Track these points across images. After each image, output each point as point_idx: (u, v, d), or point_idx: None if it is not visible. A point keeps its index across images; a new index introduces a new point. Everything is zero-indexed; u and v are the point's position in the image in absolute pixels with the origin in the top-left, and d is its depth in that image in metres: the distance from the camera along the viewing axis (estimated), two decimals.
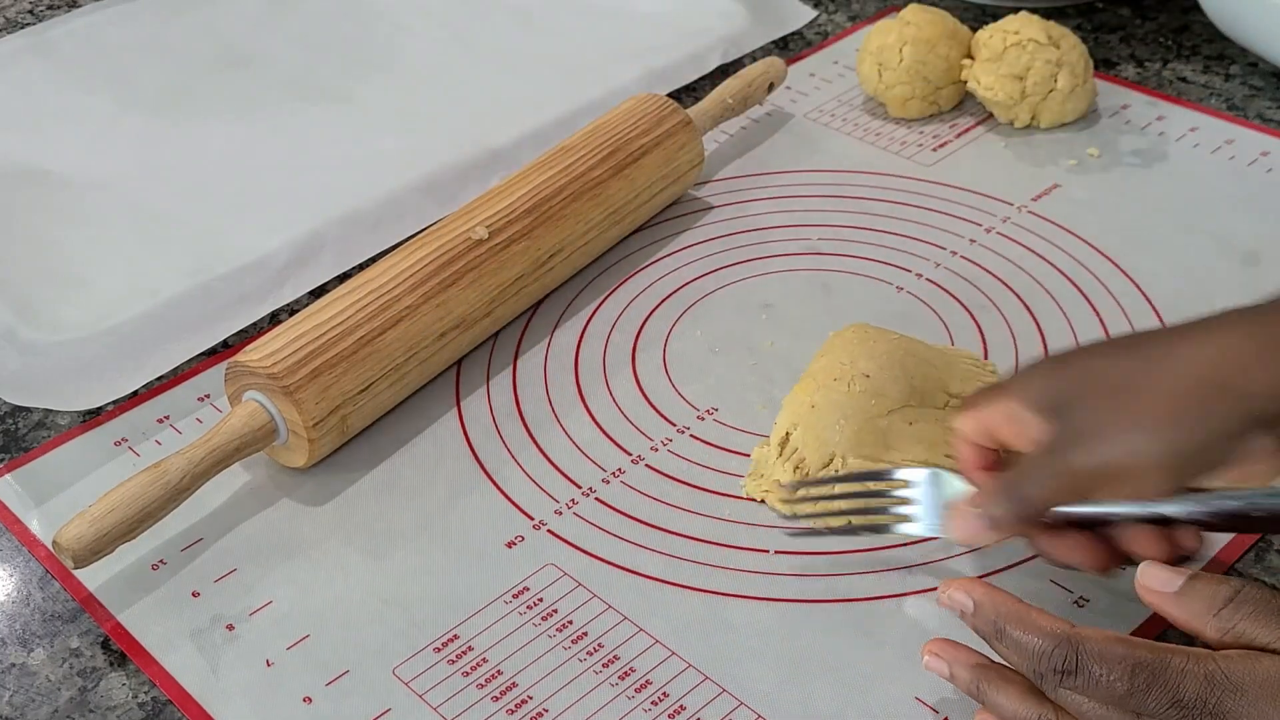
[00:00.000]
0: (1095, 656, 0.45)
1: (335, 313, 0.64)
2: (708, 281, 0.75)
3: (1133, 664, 0.44)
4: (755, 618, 0.56)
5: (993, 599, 0.48)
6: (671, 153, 0.77)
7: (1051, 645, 0.46)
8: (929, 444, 0.61)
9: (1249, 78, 0.89)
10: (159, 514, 0.59)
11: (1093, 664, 0.45)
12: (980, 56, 0.85)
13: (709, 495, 0.62)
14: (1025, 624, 0.47)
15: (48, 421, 0.68)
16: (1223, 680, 0.44)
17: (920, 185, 0.81)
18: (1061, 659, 0.45)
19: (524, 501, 0.62)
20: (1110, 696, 0.45)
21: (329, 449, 0.64)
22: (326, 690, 0.55)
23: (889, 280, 0.74)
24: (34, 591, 0.60)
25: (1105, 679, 0.44)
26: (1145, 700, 0.44)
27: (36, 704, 0.55)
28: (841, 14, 0.99)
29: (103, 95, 0.92)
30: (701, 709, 0.53)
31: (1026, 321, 0.71)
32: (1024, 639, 0.46)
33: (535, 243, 0.70)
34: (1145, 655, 0.45)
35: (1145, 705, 0.44)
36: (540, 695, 0.54)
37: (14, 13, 1.04)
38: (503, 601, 0.58)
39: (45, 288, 0.76)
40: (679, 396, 0.68)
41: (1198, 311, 0.70)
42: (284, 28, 0.99)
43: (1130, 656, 0.44)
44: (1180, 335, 0.52)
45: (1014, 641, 0.47)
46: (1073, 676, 0.45)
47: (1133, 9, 0.97)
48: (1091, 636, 0.45)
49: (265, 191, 0.83)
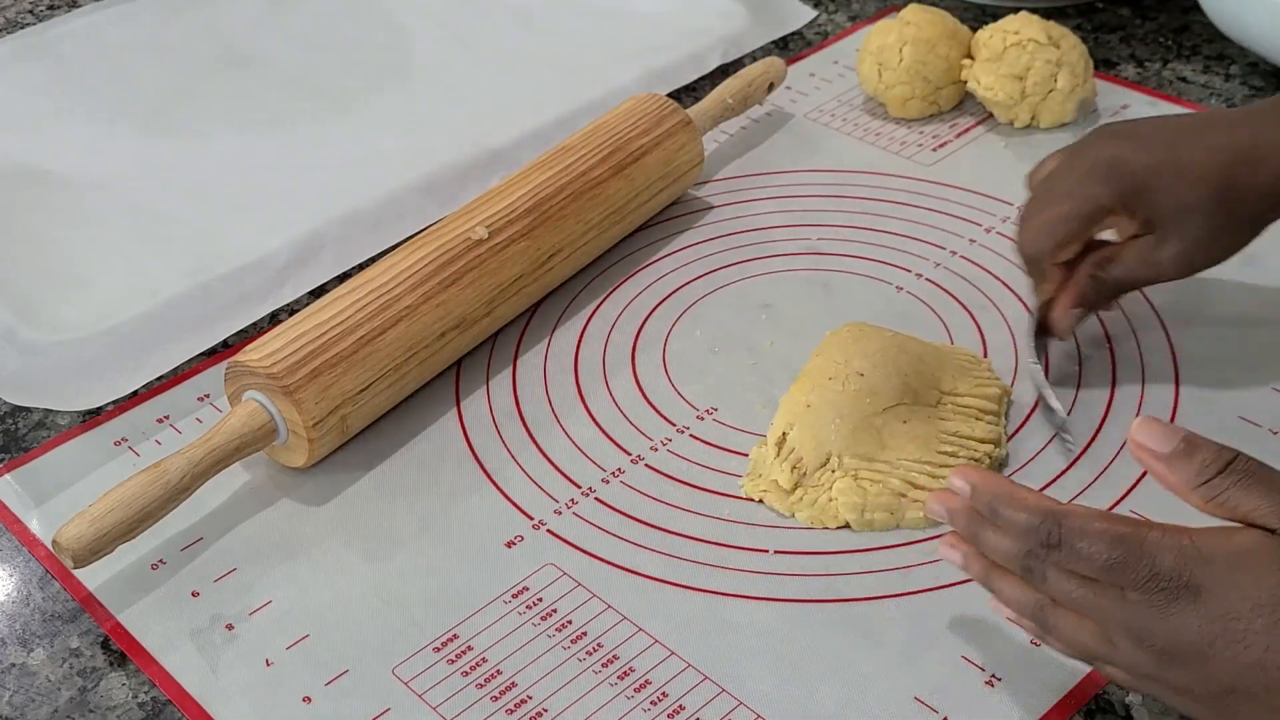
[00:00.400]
0: (1077, 531, 0.46)
1: (335, 313, 0.64)
2: (708, 281, 0.75)
3: (1111, 536, 0.45)
4: (755, 617, 0.56)
5: (986, 481, 0.49)
6: (671, 153, 0.77)
7: (1037, 520, 0.47)
8: (923, 442, 0.61)
9: (1249, 78, 0.89)
10: (159, 514, 0.59)
11: (1074, 537, 0.46)
12: (980, 56, 0.85)
13: (708, 495, 0.62)
14: (1014, 501, 0.48)
15: (48, 421, 0.68)
16: (1194, 553, 0.44)
17: (920, 185, 0.81)
18: (1046, 533, 0.46)
19: (523, 501, 0.62)
20: (1091, 569, 0.46)
21: (329, 449, 0.64)
22: (326, 690, 0.55)
23: (889, 280, 0.74)
24: (34, 591, 0.60)
25: (1086, 550, 0.45)
26: (1124, 573, 0.45)
27: (36, 704, 0.55)
28: (841, 14, 0.99)
29: (103, 95, 0.92)
30: (701, 709, 0.53)
31: (1026, 321, 0.71)
32: (1013, 516, 0.47)
33: (535, 243, 0.70)
34: (1124, 529, 0.45)
35: (1125, 578, 0.45)
36: (540, 695, 0.54)
37: (14, 13, 1.04)
38: (502, 601, 0.58)
39: (45, 287, 0.76)
40: (679, 396, 0.68)
41: (1197, 311, 0.70)
42: (284, 28, 0.99)
43: (1110, 530, 0.45)
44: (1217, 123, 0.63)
45: (1005, 520, 0.48)
46: (1056, 550, 0.46)
47: (1133, 9, 0.97)
48: (1074, 512, 0.47)
49: (265, 191, 0.83)
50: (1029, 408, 0.65)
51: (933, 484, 0.59)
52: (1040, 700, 0.53)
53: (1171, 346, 0.68)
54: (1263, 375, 0.67)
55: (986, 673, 0.54)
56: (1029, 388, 0.66)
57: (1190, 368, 0.67)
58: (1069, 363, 0.68)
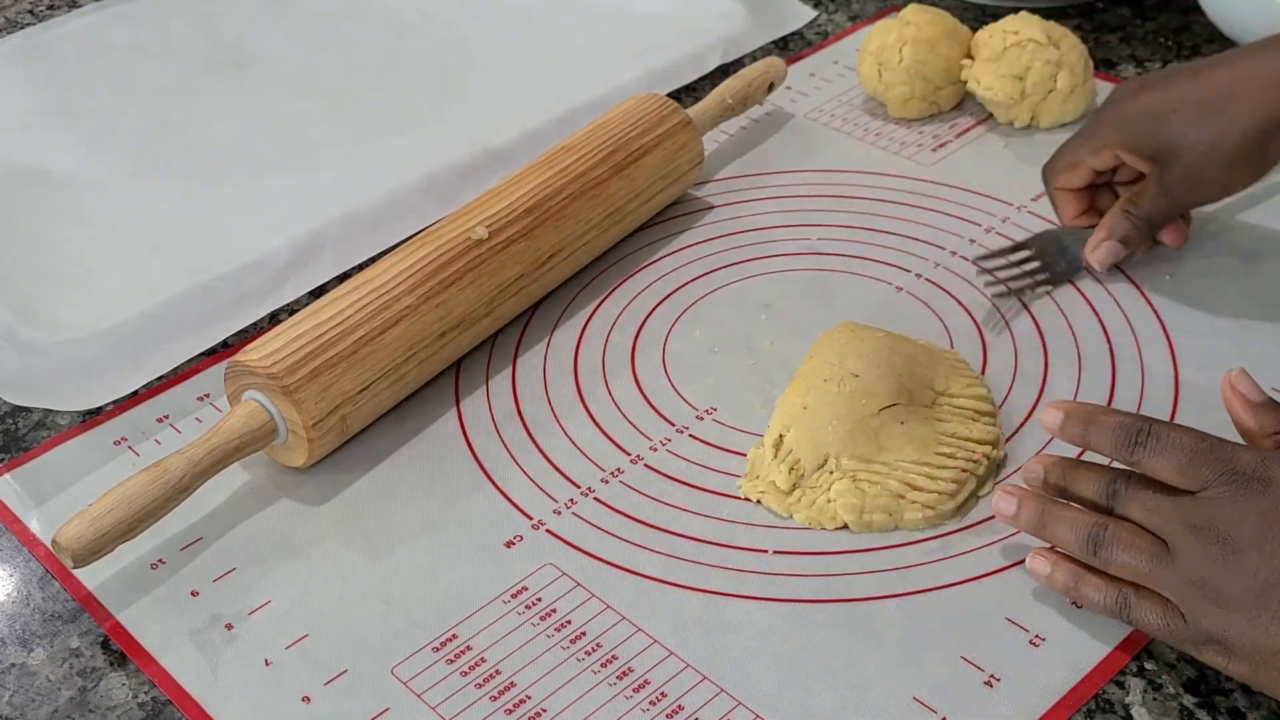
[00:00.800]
0: (1165, 426, 0.52)
1: (335, 313, 0.64)
2: (708, 281, 0.75)
3: (1197, 434, 0.52)
4: (754, 618, 0.57)
5: (1078, 407, 0.55)
6: (671, 153, 0.77)
7: (1131, 419, 0.53)
8: (920, 444, 0.61)
9: None
10: (158, 513, 0.59)
11: (1163, 430, 0.52)
12: (980, 56, 0.85)
13: (708, 495, 0.62)
14: (1107, 412, 0.54)
15: (48, 421, 0.68)
16: (1269, 457, 0.51)
17: (920, 185, 0.81)
18: (1138, 428, 0.52)
19: (523, 501, 0.62)
20: (1177, 460, 0.51)
21: (329, 449, 0.64)
22: (325, 690, 0.55)
23: (889, 280, 0.74)
24: (34, 591, 0.60)
25: (1176, 439, 0.51)
26: (1205, 464, 0.51)
27: (36, 704, 0.55)
28: (841, 14, 0.99)
29: (103, 95, 0.92)
30: (700, 709, 0.53)
31: (1026, 321, 0.71)
32: (1107, 420, 0.54)
33: (535, 243, 0.70)
34: (1208, 435, 0.52)
35: (1204, 472, 0.51)
36: (539, 695, 0.54)
37: (14, 12, 1.04)
38: (501, 601, 0.58)
39: (45, 288, 0.76)
40: (678, 396, 0.68)
41: (1197, 311, 0.70)
42: (284, 27, 0.99)
43: (1194, 431, 0.52)
44: (1232, 58, 0.68)
45: (1100, 425, 0.54)
46: (1145, 445, 0.52)
47: (1133, 9, 0.97)
48: (1163, 421, 0.53)
49: (265, 191, 0.83)
50: (1028, 409, 0.65)
51: (930, 485, 0.60)
52: (1040, 700, 0.53)
53: (1171, 346, 0.68)
54: (1263, 375, 0.66)
55: (986, 673, 0.54)
56: (1027, 390, 0.66)
57: (1190, 368, 0.67)
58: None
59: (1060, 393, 0.66)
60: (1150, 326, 0.70)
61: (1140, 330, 0.70)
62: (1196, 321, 0.70)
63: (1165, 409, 0.65)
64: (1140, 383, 0.66)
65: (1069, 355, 0.68)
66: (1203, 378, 0.66)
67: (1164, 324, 0.70)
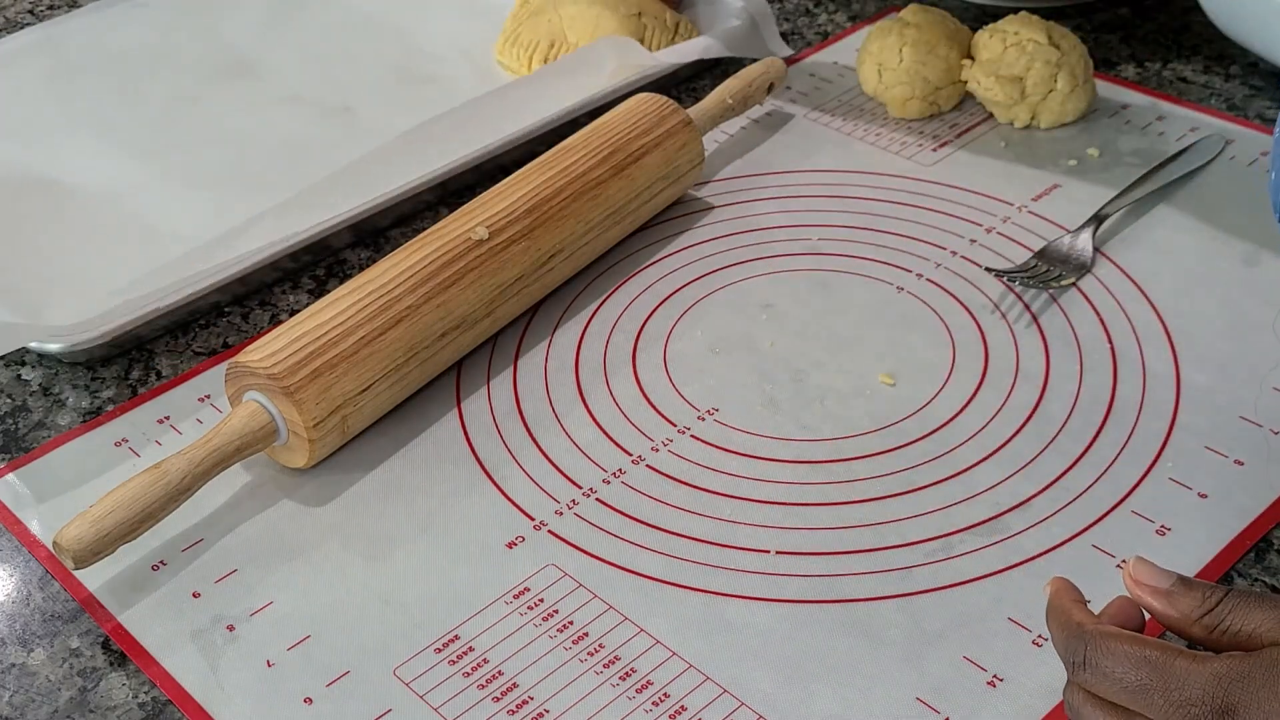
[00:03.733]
0: (1105, 652, 0.46)
1: (335, 313, 0.64)
2: (708, 281, 0.75)
3: (1138, 658, 0.45)
4: (756, 618, 0.56)
5: (1054, 588, 0.50)
6: (671, 153, 0.77)
7: (1066, 638, 0.48)
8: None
9: (1249, 78, 0.89)
10: (159, 515, 0.59)
11: (1102, 659, 0.46)
12: (980, 57, 0.85)
13: (710, 495, 0.62)
14: (1056, 615, 0.49)
15: (48, 421, 0.68)
16: (1227, 674, 0.44)
17: (920, 185, 0.81)
18: (1073, 652, 0.47)
19: (524, 502, 0.62)
20: (1116, 692, 0.46)
21: (329, 449, 0.64)
22: (327, 691, 0.55)
23: (889, 280, 0.74)
24: (34, 592, 0.60)
25: (1113, 673, 0.46)
26: (1150, 698, 0.45)
27: (36, 704, 0.55)
28: (841, 14, 0.99)
29: (104, 98, 0.92)
30: (702, 709, 0.53)
31: (1027, 321, 0.71)
32: (1052, 631, 0.49)
33: (535, 243, 0.70)
34: (1152, 652, 0.45)
35: (1152, 705, 0.45)
36: (541, 696, 0.54)
37: (14, 12, 1.04)
38: (503, 602, 0.58)
39: (46, 291, 0.75)
40: (679, 396, 0.68)
41: (1198, 311, 0.70)
42: (286, 36, 0.99)
43: (1136, 652, 0.46)
44: None
45: (1051, 632, 0.49)
46: (1083, 670, 0.47)
47: (1133, 9, 0.97)
48: (1106, 633, 0.47)
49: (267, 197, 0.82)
50: (1029, 410, 0.65)
51: None
52: (1042, 701, 0.53)
53: (1172, 346, 0.68)
54: (1263, 375, 0.67)
55: (989, 673, 0.54)
56: (1028, 390, 0.66)
57: (1190, 368, 0.67)
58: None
59: (1061, 392, 0.66)
60: (1151, 326, 0.70)
61: (1141, 330, 0.70)
62: (1197, 321, 0.70)
63: (1167, 409, 0.65)
64: (1141, 383, 0.66)
65: (1070, 355, 0.68)
66: (1204, 378, 0.66)
67: (1165, 324, 0.70)
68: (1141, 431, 0.64)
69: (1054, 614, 0.49)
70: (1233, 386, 0.66)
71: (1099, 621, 0.48)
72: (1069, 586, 0.50)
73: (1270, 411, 0.64)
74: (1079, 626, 0.48)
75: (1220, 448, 0.63)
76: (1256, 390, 0.66)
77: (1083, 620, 0.48)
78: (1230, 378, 0.66)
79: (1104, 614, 0.49)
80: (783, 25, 0.98)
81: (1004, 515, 0.60)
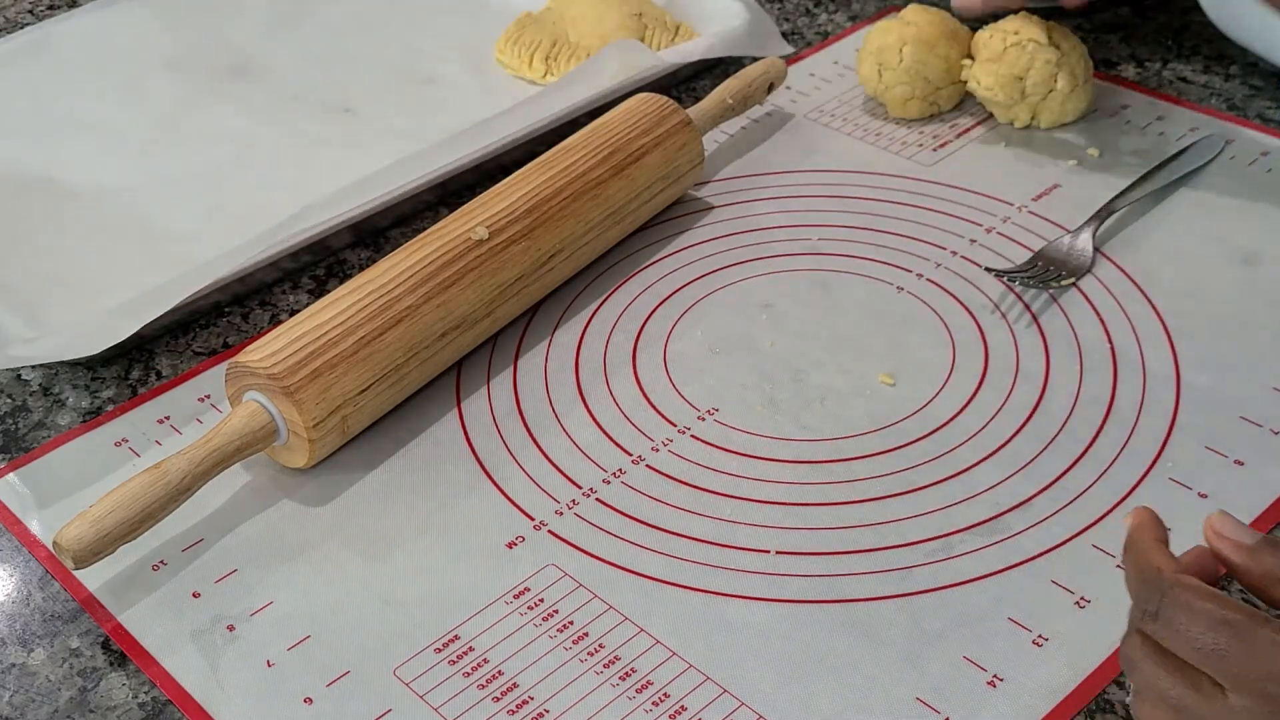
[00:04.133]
0: (1183, 607, 0.43)
1: (336, 313, 0.64)
2: (708, 281, 0.75)
3: (1217, 619, 0.42)
4: (756, 618, 0.57)
5: (1135, 521, 0.47)
6: (671, 153, 0.77)
7: (1141, 582, 0.44)
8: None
9: (1249, 78, 0.89)
10: (159, 515, 0.59)
11: (1178, 613, 0.43)
12: (980, 57, 0.85)
13: (709, 495, 0.62)
14: (1134, 554, 0.45)
15: (48, 421, 0.68)
16: None
17: (920, 185, 0.81)
18: (1147, 600, 0.44)
19: (524, 502, 0.62)
20: (1189, 651, 0.43)
21: (329, 449, 0.64)
22: (327, 691, 0.55)
23: (889, 280, 0.74)
24: (34, 592, 0.60)
25: (1188, 631, 0.42)
26: (1226, 665, 0.42)
27: (36, 704, 0.55)
28: (841, 14, 0.99)
29: (104, 98, 0.92)
30: (702, 709, 0.53)
31: (1027, 321, 0.71)
32: (1127, 570, 0.46)
33: (535, 243, 0.70)
34: (1237, 617, 0.42)
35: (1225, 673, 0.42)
36: (541, 696, 0.54)
37: (14, 12, 1.04)
38: (503, 602, 0.58)
39: (47, 293, 0.75)
40: (679, 396, 0.68)
41: (1198, 311, 0.70)
42: (286, 36, 0.99)
43: (1219, 615, 0.42)
44: None
45: (1126, 570, 0.46)
46: (1154, 620, 0.43)
47: (1133, 9, 0.97)
48: (1187, 585, 0.43)
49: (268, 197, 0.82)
50: (1029, 410, 0.65)
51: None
52: (1042, 701, 0.53)
53: (1172, 347, 0.68)
54: (1263, 375, 0.67)
55: (989, 673, 0.54)
56: (1028, 390, 0.66)
57: (1190, 368, 0.67)
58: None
59: (1061, 392, 0.66)
60: (1151, 326, 0.70)
61: (1141, 330, 0.70)
62: (1197, 321, 0.70)
63: (1167, 410, 0.65)
64: (1141, 383, 0.66)
65: (1070, 355, 0.68)
66: (1204, 378, 0.66)
67: (1165, 324, 0.70)
68: (1141, 432, 0.64)
69: (1132, 552, 0.45)
70: (1233, 386, 0.66)
71: (1180, 569, 0.44)
72: (1152, 521, 0.46)
73: (1270, 411, 0.64)
74: (1158, 572, 0.44)
75: (1220, 448, 0.63)
76: (1256, 390, 0.66)
77: (1163, 565, 0.44)
78: (1230, 378, 0.66)
79: (1180, 562, 0.45)
80: (783, 25, 0.98)
81: (1004, 515, 0.60)
